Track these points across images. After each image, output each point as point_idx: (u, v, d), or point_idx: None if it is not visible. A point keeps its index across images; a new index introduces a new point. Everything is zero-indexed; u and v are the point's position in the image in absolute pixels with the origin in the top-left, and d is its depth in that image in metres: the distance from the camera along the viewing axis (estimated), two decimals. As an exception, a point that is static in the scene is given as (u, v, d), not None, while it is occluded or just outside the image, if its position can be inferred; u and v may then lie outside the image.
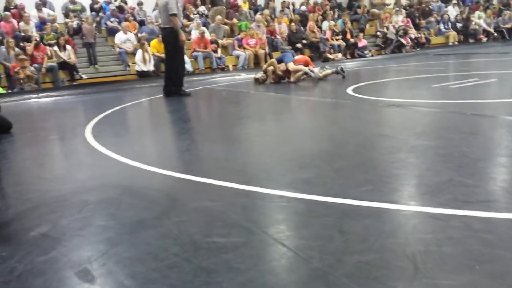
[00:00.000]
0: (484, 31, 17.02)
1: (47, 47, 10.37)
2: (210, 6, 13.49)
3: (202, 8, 13.29)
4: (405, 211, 2.11)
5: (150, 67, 10.74)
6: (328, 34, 13.72)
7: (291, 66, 8.28)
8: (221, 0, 13.69)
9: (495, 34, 17.13)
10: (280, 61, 8.48)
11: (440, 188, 2.33)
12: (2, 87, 9.22)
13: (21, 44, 10.32)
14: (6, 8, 11.51)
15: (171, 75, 7.55)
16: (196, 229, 2.05)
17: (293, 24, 13.48)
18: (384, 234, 1.86)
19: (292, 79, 8.30)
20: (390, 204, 2.18)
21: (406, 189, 2.45)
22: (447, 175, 2.53)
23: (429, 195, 2.27)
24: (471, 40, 16.58)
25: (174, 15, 7.08)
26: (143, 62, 10.59)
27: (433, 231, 1.86)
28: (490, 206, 2.09)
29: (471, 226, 1.88)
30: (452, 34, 16.28)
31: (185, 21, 12.72)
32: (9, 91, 9.26)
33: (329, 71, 8.43)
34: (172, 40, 7.29)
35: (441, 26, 16.56)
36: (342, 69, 8.44)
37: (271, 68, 8.46)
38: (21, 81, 9.25)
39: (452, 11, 17.38)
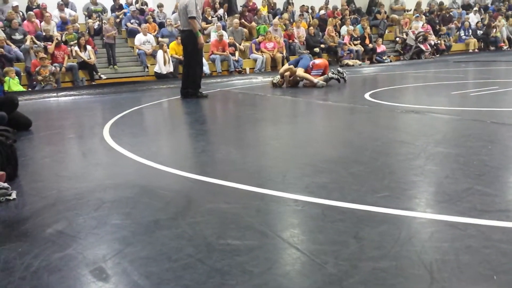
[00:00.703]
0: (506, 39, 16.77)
1: (68, 47, 10.54)
2: (226, 13, 13.54)
3: (221, 11, 13.35)
4: (422, 219, 2.08)
5: (169, 68, 10.83)
6: (347, 39, 13.67)
7: (299, 72, 8.27)
8: (236, 8, 13.74)
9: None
10: (296, 63, 8.47)
11: (459, 197, 2.29)
12: (22, 85, 9.38)
13: (43, 43, 10.51)
14: (29, 8, 11.73)
15: (189, 77, 7.61)
16: (210, 231, 2.05)
17: (311, 28, 13.47)
18: (400, 241, 1.84)
19: (289, 83, 8.39)
20: (407, 211, 2.15)
21: (424, 197, 2.41)
22: (466, 184, 2.49)
23: (447, 203, 2.23)
24: (491, 48, 16.35)
25: (193, 18, 7.17)
26: (164, 63, 10.68)
27: (451, 239, 1.83)
28: (509, 216, 2.05)
29: (489, 236, 1.85)
30: (473, 41, 16.07)
31: (203, 24, 12.82)
32: (29, 89, 9.42)
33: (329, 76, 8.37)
34: (191, 42, 7.36)
35: (462, 33, 16.37)
36: (339, 72, 8.40)
37: (288, 73, 8.45)
38: (41, 79, 9.40)
39: (473, 18, 17.15)
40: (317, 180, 2.71)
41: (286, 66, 8.79)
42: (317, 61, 8.79)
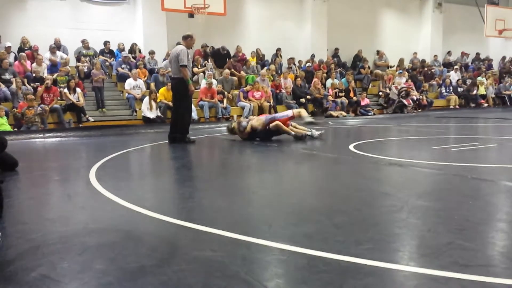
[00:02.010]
0: (484, 96, 17.40)
1: (58, 88, 10.65)
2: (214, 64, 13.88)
3: (209, 65, 13.53)
4: (405, 272, 2.11)
5: (156, 113, 10.96)
6: (331, 92, 14.08)
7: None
8: (224, 58, 14.10)
9: (496, 101, 17.52)
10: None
11: (441, 251, 2.34)
12: (10, 125, 9.36)
13: (32, 84, 10.60)
14: (21, 49, 11.89)
15: (177, 122, 7.73)
16: (195, 279, 2.05)
17: (298, 79, 13.85)
18: (384, 294, 1.86)
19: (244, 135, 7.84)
20: (390, 264, 2.19)
21: (407, 250, 2.46)
22: (448, 238, 2.55)
23: (429, 257, 2.28)
24: (472, 105, 16.91)
25: (184, 66, 7.42)
26: (149, 109, 10.81)
27: (433, 293, 1.87)
28: (489, 271, 2.10)
29: (470, 291, 1.89)
30: (453, 97, 16.63)
31: (195, 69, 13.11)
32: (15, 129, 9.39)
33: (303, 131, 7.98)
34: (181, 89, 7.55)
35: (443, 89, 16.95)
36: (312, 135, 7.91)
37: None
38: (27, 120, 9.41)
39: (454, 76, 17.84)
40: (302, 230, 2.74)
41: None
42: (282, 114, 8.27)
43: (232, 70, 13.49)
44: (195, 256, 2.33)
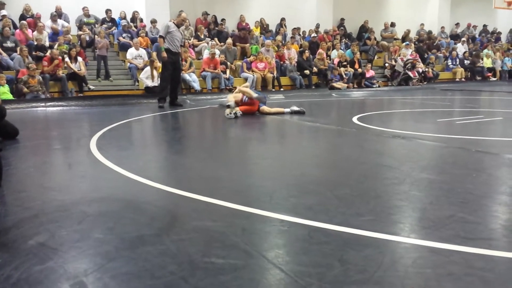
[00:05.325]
0: (491, 69, 17.16)
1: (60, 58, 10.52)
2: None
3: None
4: (406, 244, 2.09)
5: (157, 83, 10.84)
6: (336, 63, 13.88)
7: (267, 109, 7.42)
8: (227, 33, 13.87)
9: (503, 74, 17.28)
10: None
11: (443, 223, 2.31)
12: (12, 93, 9.30)
13: (34, 53, 10.48)
14: (22, 17, 11.71)
15: (163, 87, 8.93)
16: (195, 249, 2.03)
17: (306, 52, 13.60)
18: (383, 266, 1.85)
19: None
20: (391, 235, 2.17)
21: (408, 222, 2.43)
22: (450, 211, 2.52)
23: (431, 229, 2.25)
24: (478, 78, 16.70)
25: (161, 37, 8.70)
26: (151, 78, 10.68)
27: (434, 266, 1.85)
28: (491, 244, 2.07)
29: (472, 264, 1.87)
30: (460, 70, 16.42)
31: (195, 41, 12.93)
32: (16, 98, 9.34)
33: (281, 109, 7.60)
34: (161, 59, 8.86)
35: (449, 62, 16.72)
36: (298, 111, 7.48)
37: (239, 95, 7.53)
38: (31, 88, 9.35)
39: (461, 48, 17.56)
40: (304, 201, 2.72)
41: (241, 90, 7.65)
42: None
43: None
44: (195, 226, 2.31)
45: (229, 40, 12.92)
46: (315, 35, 15.19)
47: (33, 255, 1.97)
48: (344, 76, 13.53)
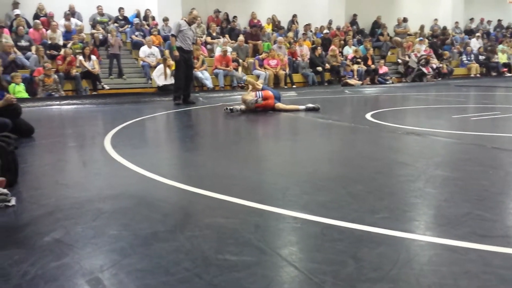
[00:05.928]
0: (507, 65, 16.90)
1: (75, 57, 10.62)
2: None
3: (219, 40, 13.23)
4: (421, 241, 2.07)
5: (171, 81, 10.88)
6: (350, 58, 13.79)
7: (281, 106, 7.41)
8: (239, 31, 13.86)
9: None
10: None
11: (458, 221, 2.29)
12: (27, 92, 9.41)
13: (48, 51, 10.58)
14: (36, 16, 11.84)
15: (178, 85, 9.08)
16: (208, 245, 2.04)
17: (319, 48, 13.54)
18: (398, 263, 1.83)
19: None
20: (406, 233, 2.15)
21: (423, 219, 2.41)
22: (466, 208, 2.48)
23: (446, 226, 2.23)
24: (493, 73, 16.46)
25: (173, 35, 8.76)
26: (164, 76, 10.72)
27: (450, 264, 1.83)
28: (509, 242, 2.04)
29: (489, 261, 1.84)
30: (475, 66, 16.20)
31: (208, 39, 12.94)
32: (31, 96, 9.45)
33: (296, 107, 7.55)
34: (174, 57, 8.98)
35: (464, 57, 16.50)
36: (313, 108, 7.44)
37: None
38: (47, 87, 9.46)
39: (476, 44, 17.32)
40: (317, 198, 2.70)
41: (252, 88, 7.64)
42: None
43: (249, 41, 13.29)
44: (208, 223, 2.31)
45: (241, 38, 12.92)
46: (328, 31, 15.09)
47: (49, 252, 1.99)
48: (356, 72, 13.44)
